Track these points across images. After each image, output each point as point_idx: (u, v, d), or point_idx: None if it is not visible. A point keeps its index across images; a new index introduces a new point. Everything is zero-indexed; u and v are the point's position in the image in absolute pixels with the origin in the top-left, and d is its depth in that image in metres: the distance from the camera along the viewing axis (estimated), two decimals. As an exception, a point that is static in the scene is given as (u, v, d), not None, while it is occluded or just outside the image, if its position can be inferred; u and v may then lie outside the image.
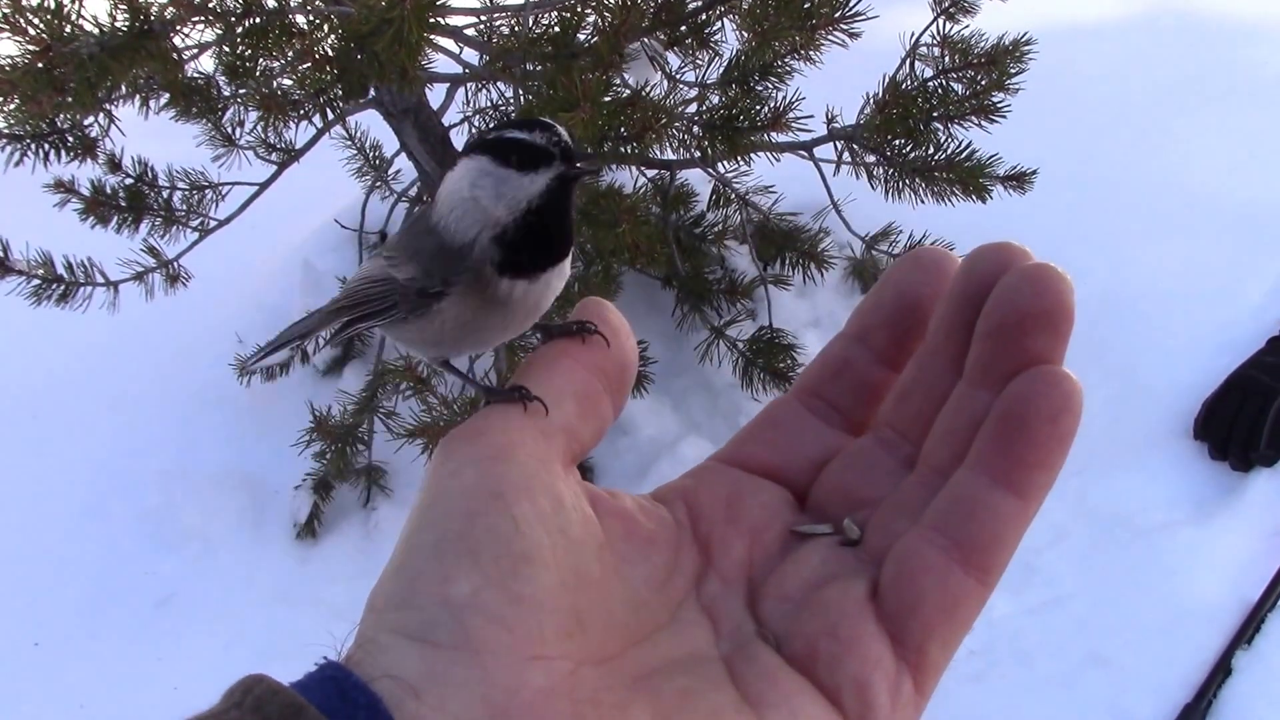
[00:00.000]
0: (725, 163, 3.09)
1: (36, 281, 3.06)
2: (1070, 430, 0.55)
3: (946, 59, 2.87)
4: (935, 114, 2.83)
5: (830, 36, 2.74)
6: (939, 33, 2.91)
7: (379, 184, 3.82)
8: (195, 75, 2.98)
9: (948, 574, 0.55)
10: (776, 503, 0.64)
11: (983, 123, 2.83)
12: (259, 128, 3.12)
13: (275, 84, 2.85)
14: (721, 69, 2.90)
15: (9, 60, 2.44)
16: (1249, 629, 2.49)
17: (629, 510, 0.61)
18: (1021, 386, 0.56)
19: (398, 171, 3.82)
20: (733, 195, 3.33)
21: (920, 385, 0.63)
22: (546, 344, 0.64)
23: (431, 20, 2.37)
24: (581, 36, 2.62)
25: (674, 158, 3.08)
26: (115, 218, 3.22)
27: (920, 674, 0.55)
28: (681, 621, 0.59)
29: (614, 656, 0.55)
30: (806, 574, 0.59)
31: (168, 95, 2.93)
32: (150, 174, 3.28)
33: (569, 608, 0.54)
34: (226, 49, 2.80)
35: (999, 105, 2.81)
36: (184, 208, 3.33)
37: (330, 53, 2.63)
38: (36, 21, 2.40)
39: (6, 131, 2.92)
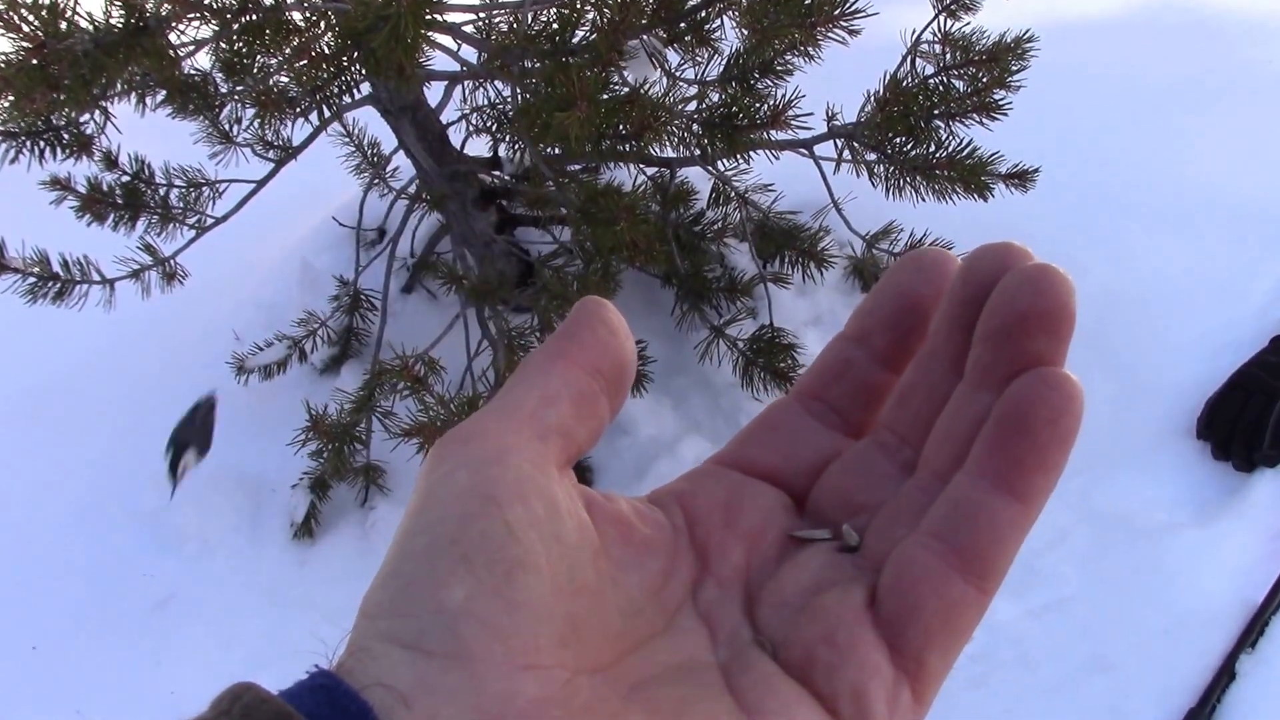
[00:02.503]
0: (725, 160, 3.08)
1: (32, 279, 3.05)
2: (1071, 432, 0.54)
3: (948, 56, 2.86)
4: (936, 111, 2.82)
5: (830, 33, 2.72)
6: (940, 29, 2.89)
7: (377, 181, 3.81)
8: (192, 72, 2.97)
9: (947, 581, 0.54)
10: (774, 507, 0.62)
11: (984, 120, 2.81)
12: (256, 125, 3.11)
13: (272, 81, 2.84)
14: (721, 66, 2.89)
15: (3, 57, 2.43)
16: (1253, 632, 2.48)
17: (625, 514, 0.59)
18: (1021, 388, 0.54)
19: (395, 169, 3.81)
20: (732, 193, 3.31)
21: (920, 388, 0.62)
22: (542, 344, 0.62)
23: (429, 17, 2.36)
24: (580, 33, 2.61)
25: (673, 155, 3.07)
26: (112, 215, 3.21)
27: (919, 683, 0.54)
28: (678, 628, 0.57)
29: (609, 665, 0.53)
30: (804, 580, 0.58)
31: (164, 92, 2.92)
32: (147, 171, 3.28)
33: (564, 615, 0.52)
34: (223, 46, 2.79)
35: (1001, 103, 2.80)
36: (181, 205, 3.32)
37: (327, 50, 2.62)
38: (31, 18, 2.39)
39: (1, 129, 2.91)
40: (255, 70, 2.79)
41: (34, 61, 2.40)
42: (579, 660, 0.52)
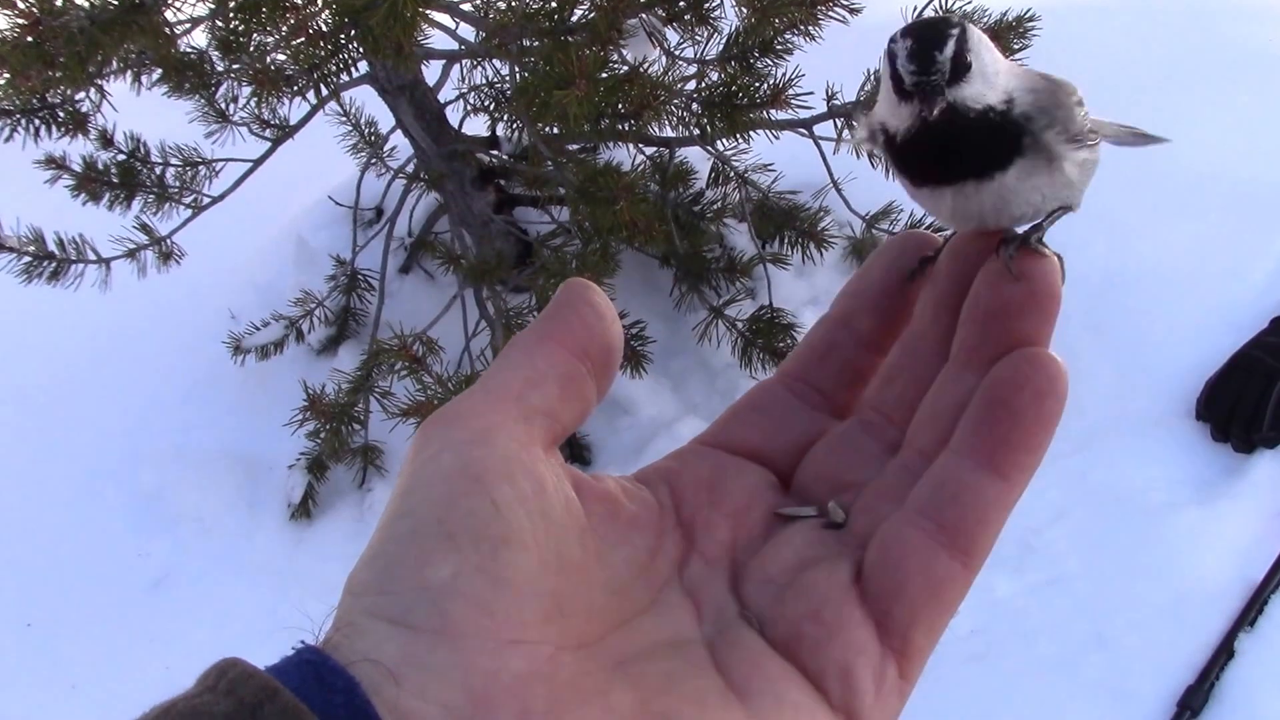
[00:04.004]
0: (724, 140, 3.07)
1: (27, 259, 3.04)
2: (1055, 412, 0.55)
3: (948, 35, 2.84)
4: (937, 91, 2.80)
5: (831, 12, 2.71)
6: (941, 8, 2.88)
7: (374, 161, 3.80)
8: (188, 50, 2.96)
9: (932, 558, 0.55)
10: (760, 485, 0.63)
11: (985, 100, 2.80)
12: (253, 103, 3.10)
13: (269, 59, 2.83)
14: (720, 45, 2.87)
15: (-2, 34, 2.42)
16: (1252, 611, 2.48)
17: (611, 492, 0.60)
18: (1006, 369, 0.56)
19: (393, 148, 3.80)
20: (732, 173, 3.30)
21: (906, 368, 0.63)
22: (528, 326, 0.62)
23: (426, -6, 2.35)
24: (579, 11, 2.60)
25: (672, 135, 3.06)
26: (107, 194, 3.21)
27: (905, 659, 0.55)
28: (664, 605, 0.57)
29: (595, 641, 0.54)
30: (790, 557, 0.58)
31: (160, 70, 2.91)
32: (143, 150, 3.27)
33: (550, 592, 0.52)
34: (219, 23, 2.78)
35: (1001, 82, 2.78)
36: (177, 184, 3.32)
37: (325, 27, 2.61)
38: (27, -6, 2.38)
39: (-3, 107, 2.90)
40: (252, 48, 2.78)
41: (29, 38, 2.39)
42: (565, 636, 0.52)
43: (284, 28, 2.66)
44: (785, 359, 0.68)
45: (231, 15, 2.67)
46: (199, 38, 2.95)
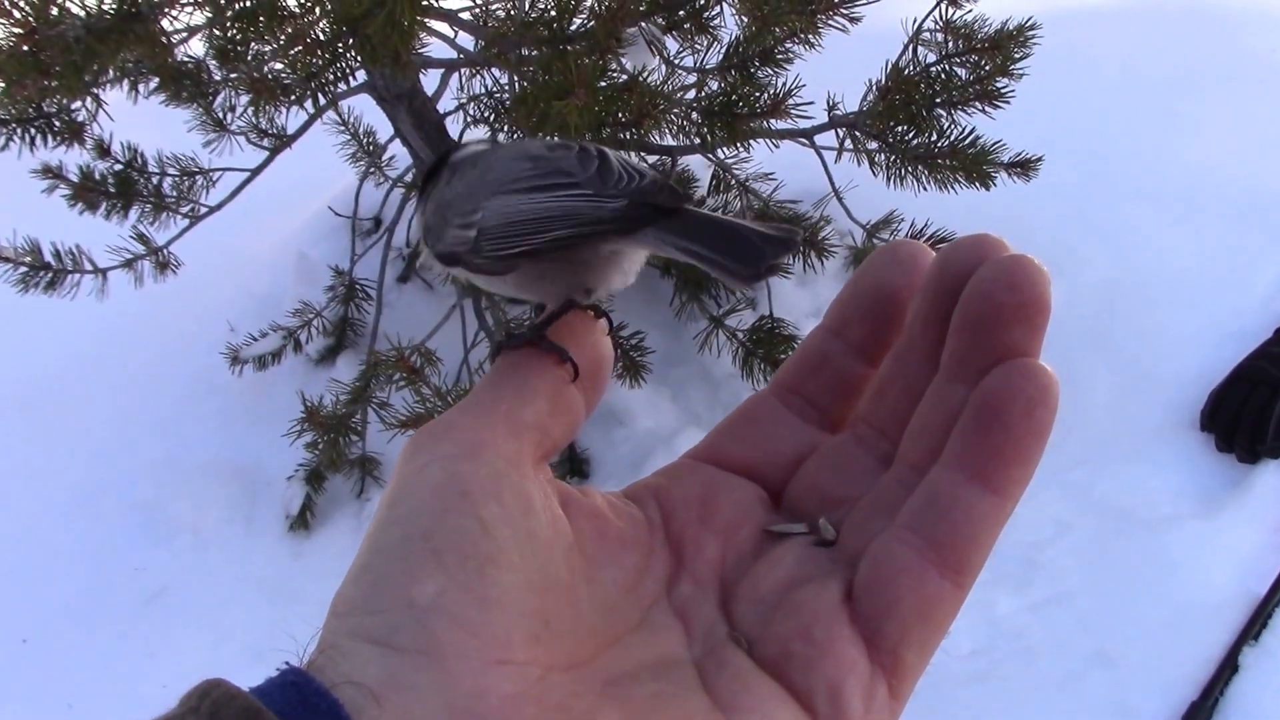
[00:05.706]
0: (725, 149, 3.06)
1: (24, 269, 3.04)
2: (1046, 424, 0.54)
3: (950, 44, 2.84)
4: (938, 100, 2.80)
5: (831, 21, 2.70)
6: (942, 17, 2.87)
7: (373, 170, 3.80)
8: (185, 59, 2.95)
9: (923, 576, 0.54)
10: (751, 501, 0.62)
11: (986, 108, 2.79)
12: (250, 113, 3.10)
13: (266, 68, 2.82)
14: (721, 54, 2.87)
15: (-6, 43, 2.41)
16: (1256, 624, 2.46)
17: (600, 510, 0.59)
18: (996, 380, 0.55)
19: (392, 158, 3.80)
20: (733, 181, 3.30)
21: (898, 380, 0.62)
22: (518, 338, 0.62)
23: (425, 3, 2.34)
24: (578, 20, 2.59)
25: (673, 143, 3.05)
26: (104, 204, 3.20)
27: (895, 679, 0.54)
28: (652, 624, 0.57)
29: (583, 661, 0.53)
30: (780, 575, 0.58)
31: (157, 79, 2.90)
32: (139, 159, 3.26)
33: (536, 611, 0.52)
34: (217, 32, 2.77)
35: (1003, 91, 2.78)
36: (174, 194, 3.31)
37: (322, 36, 2.61)
38: (22, 3, 2.37)
39: (-8, 116, 2.89)
40: (249, 57, 2.77)
41: (25, 48, 2.38)
42: (552, 656, 0.51)
43: (282, 36, 2.65)
44: (779, 369, 0.67)
45: (229, 24, 2.66)
46: (196, 46, 2.95)
